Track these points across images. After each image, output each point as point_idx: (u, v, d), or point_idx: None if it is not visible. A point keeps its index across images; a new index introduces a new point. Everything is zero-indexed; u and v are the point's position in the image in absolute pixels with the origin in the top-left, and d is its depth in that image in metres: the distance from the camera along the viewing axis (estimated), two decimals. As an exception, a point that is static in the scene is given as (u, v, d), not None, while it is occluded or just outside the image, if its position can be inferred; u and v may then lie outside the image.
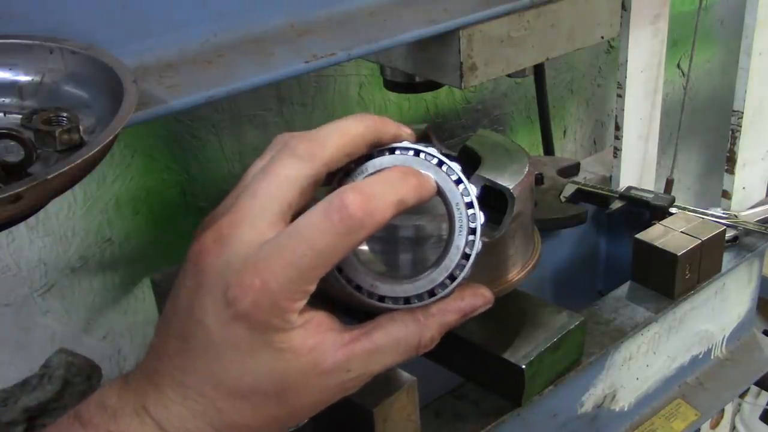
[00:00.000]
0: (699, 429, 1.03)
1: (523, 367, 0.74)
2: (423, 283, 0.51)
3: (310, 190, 0.49)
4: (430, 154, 0.51)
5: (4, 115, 0.51)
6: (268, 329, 0.47)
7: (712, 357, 1.03)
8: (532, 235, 0.81)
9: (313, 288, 0.47)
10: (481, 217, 0.51)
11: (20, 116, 0.50)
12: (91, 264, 1.00)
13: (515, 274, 0.77)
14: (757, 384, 1.10)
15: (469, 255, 0.51)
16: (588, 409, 0.87)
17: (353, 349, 0.50)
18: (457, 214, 0.51)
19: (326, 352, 0.49)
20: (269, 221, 0.48)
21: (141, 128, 0.96)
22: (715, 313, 1.00)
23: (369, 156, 0.52)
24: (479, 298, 0.54)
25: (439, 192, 0.51)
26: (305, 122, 1.11)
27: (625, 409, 0.93)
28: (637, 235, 0.93)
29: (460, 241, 0.51)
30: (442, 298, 0.52)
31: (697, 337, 0.99)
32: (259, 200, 0.48)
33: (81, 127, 0.48)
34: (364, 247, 0.55)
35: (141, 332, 1.06)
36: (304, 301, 0.48)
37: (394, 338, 0.51)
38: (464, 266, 0.51)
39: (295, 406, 0.50)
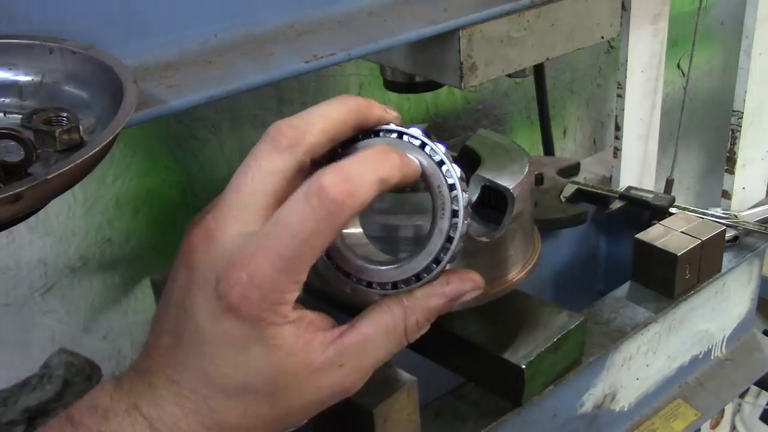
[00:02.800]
0: (699, 429, 1.03)
1: (523, 367, 0.74)
2: (409, 268, 0.51)
3: (296, 179, 0.48)
4: (413, 136, 0.50)
5: (4, 115, 0.51)
6: (259, 323, 0.46)
7: (712, 357, 1.03)
8: (532, 235, 0.81)
9: (303, 278, 0.47)
10: (464, 199, 0.50)
11: (20, 116, 0.50)
12: (91, 264, 1.00)
13: (515, 274, 0.78)
14: (757, 384, 1.10)
15: (453, 238, 0.50)
16: (588, 409, 0.87)
17: (342, 343, 0.49)
18: (439, 197, 0.50)
19: (316, 349, 0.48)
20: (254, 215, 0.47)
21: (141, 128, 0.96)
22: (715, 313, 1.00)
23: (354, 139, 0.51)
24: (467, 283, 0.52)
25: (422, 174, 0.50)
26: (305, 122, 1.11)
27: (625, 409, 0.93)
28: (637, 235, 0.93)
29: (443, 224, 0.50)
30: (429, 282, 0.51)
31: (697, 337, 0.99)
32: (242, 195, 0.48)
33: (81, 127, 0.48)
34: (354, 230, 0.54)
35: (141, 332, 1.06)
36: (296, 293, 0.47)
37: (381, 325, 0.50)
38: (448, 249, 0.50)
39: (288, 407, 0.49)
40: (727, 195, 1.22)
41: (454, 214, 0.50)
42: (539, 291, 1.09)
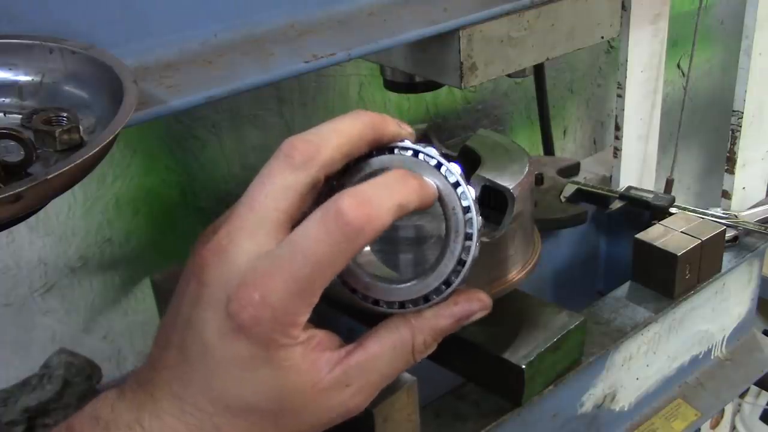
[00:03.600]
0: (699, 429, 1.03)
1: (523, 367, 0.74)
2: (418, 288, 0.50)
3: (310, 196, 0.48)
4: (428, 155, 0.50)
5: (4, 115, 0.51)
6: (269, 345, 0.46)
7: (712, 357, 1.03)
8: (532, 235, 0.81)
9: (315, 300, 0.46)
10: (478, 222, 0.50)
11: (20, 116, 0.50)
12: (91, 264, 1.00)
13: (515, 274, 0.78)
14: (757, 384, 1.10)
15: (465, 261, 0.50)
16: (588, 409, 0.87)
17: (349, 362, 0.49)
18: (453, 219, 0.50)
19: (323, 369, 0.48)
20: (268, 232, 0.46)
21: (141, 128, 0.96)
22: (715, 313, 1.00)
23: (368, 155, 0.50)
24: (475, 303, 0.52)
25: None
26: (305, 122, 1.11)
27: (625, 409, 0.93)
28: (637, 235, 0.93)
29: (455, 246, 0.50)
30: (437, 303, 0.51)
31: (697, 337, 0.99)
32: (256, 212, 0.47)
33: (81, 127, 0.48)
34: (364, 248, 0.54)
35: (141, 332, 1.06)
36: (307, 315, 0.47)
37: (388, 344, 0.50)
38: (460, 272, 0.50)
39: (293, 427, 0.49)
40: (727, 195, 1.22)
41: (468, 237, 0.49)
42: (539, 291, 1.09)
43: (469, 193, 0.49)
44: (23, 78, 0.51)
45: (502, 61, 0.71)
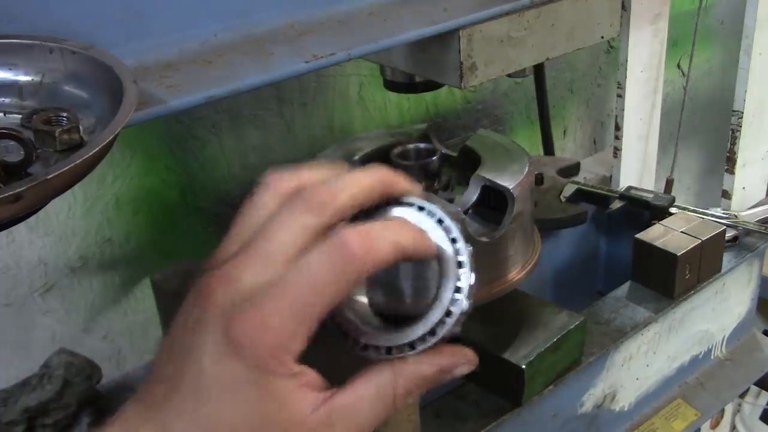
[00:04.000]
0: (699, 429, 1.04)
1: (523, 367, 0.74)
2: (404, 336, 0.52)
3: (322, 238, 0.50)
4: (431, 212, 0.52)
5: (4, 115, 0.51)
6: (263, 368, 0.46)
7: (712, 357, 1.03)
8: (532, 235, 0.81)
9: (312, 328, 0.47)
10: (470, 278, 0.52)
11: (20, 116, 0.50)
12: (91, 264, 1.00)
13: (515, 274, 0.78)
14: (757, 384, 1.10)
15: (452, 313, 0.51)
16: (588, 409, 0.87)
17: (333, 403, 0.49)
18: (447, 271, 0.52)
19: (307, 408, 0.48)
20: (280, 266, 0.48)
21: (141, 128, 0.96)
22: (715, 313, 1.00)
23: (376, 206, 0.53)
24: (459, 357, 0.54)
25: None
26: (305, 122, 1.11)
27: (625, 409, 0.93)
28: (637, 235, 0.93)
29: (445, 298, 0.52)
30: (422, 351, 0.52)
31: (697, 337, 0.99)
32: (273, 246, 0.48)
33: (81, 127, 0.48)
34: (358, 297, 0.56)
35: (141, 332, 1.06)
36: (302, 345, 0.47)
37: (371, 388, 0.51)
38: (445, 324, 0.52)
39: None
40: (727, 195, 1.22)
41: (458, 290, 0.51)
42: (539, 291, 1.09)
43: (465, 250, 0.52)
44: (23, 78, 0.51)
45: (502, 61, 0.71)
